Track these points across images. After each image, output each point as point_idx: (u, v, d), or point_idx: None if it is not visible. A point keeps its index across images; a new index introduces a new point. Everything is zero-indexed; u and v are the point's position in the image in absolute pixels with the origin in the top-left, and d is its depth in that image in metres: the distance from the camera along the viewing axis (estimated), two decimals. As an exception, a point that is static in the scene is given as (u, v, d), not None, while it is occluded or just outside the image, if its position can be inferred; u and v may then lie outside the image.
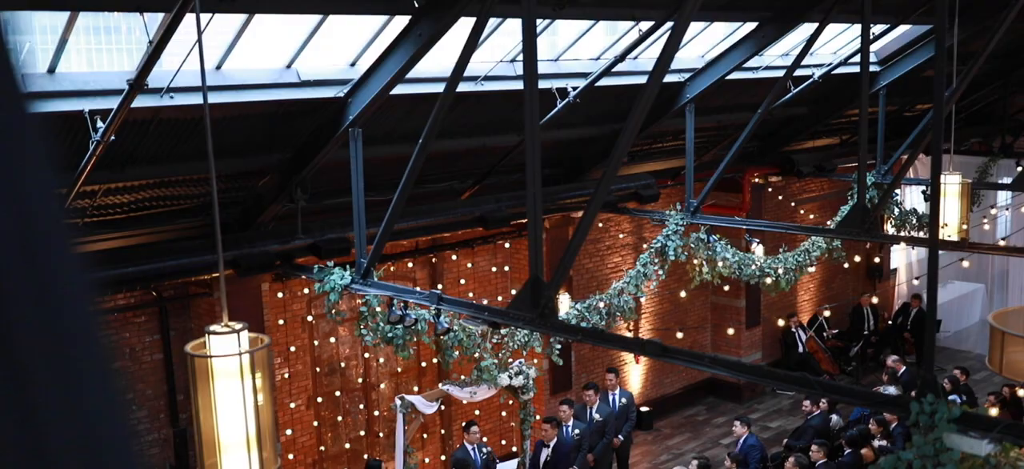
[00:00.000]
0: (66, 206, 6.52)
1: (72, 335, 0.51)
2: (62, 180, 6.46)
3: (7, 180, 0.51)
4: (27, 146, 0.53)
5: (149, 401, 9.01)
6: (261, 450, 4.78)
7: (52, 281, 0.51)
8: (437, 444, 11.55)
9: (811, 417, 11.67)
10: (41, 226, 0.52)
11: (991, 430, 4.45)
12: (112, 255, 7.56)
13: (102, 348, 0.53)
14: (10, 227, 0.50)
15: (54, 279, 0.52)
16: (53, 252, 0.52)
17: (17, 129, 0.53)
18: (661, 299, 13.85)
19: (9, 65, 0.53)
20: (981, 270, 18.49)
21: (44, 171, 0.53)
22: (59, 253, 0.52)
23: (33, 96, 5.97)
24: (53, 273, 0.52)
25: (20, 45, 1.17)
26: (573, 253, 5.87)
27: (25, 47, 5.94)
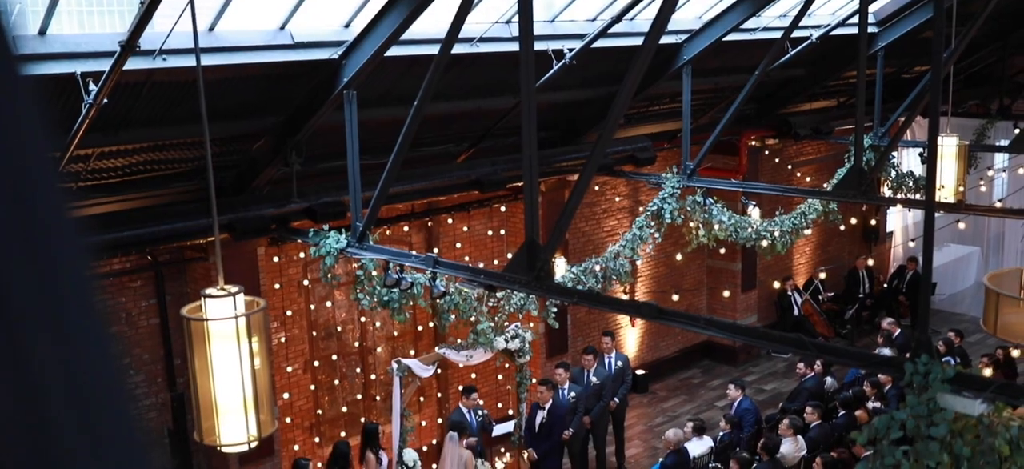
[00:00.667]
0: (60, 170, 6.49)
1: (68, 299, 0.50)
2: (56, 144, 6.43)
3: (1, 143, 0.50)
4: (20, 109, 0.52)
5: (146, 365, 9.03)
6: (258, 412, 4.80)
7: (48, 245, 0.50)
8: (434, 407, 11.61)
9: (805, 379, 11.74)
10: (36, 190, 0.51)
11: (984, 390, 4.47)
12: (107, 219, 7.54)
13: (98, 312, 0.52)
14: (5, 191, 0.49)
15: (50, 244, 0.51)
16: (49, 217, 0.51)
17: (10, 92, 0.51)
18: (657, 262, 13.87)
19: (2, 27, 0.52)
20: (977, 233, 18.53)
21: (38, 135, 0.52)
22: (54, 218, 0.51)
23: (26, 58, 5.92)
24: (49, 238, 0.51)
25: (11, 6, 1.13)
26: (569, 216, 5.87)
27: (16, 8, 5.87)
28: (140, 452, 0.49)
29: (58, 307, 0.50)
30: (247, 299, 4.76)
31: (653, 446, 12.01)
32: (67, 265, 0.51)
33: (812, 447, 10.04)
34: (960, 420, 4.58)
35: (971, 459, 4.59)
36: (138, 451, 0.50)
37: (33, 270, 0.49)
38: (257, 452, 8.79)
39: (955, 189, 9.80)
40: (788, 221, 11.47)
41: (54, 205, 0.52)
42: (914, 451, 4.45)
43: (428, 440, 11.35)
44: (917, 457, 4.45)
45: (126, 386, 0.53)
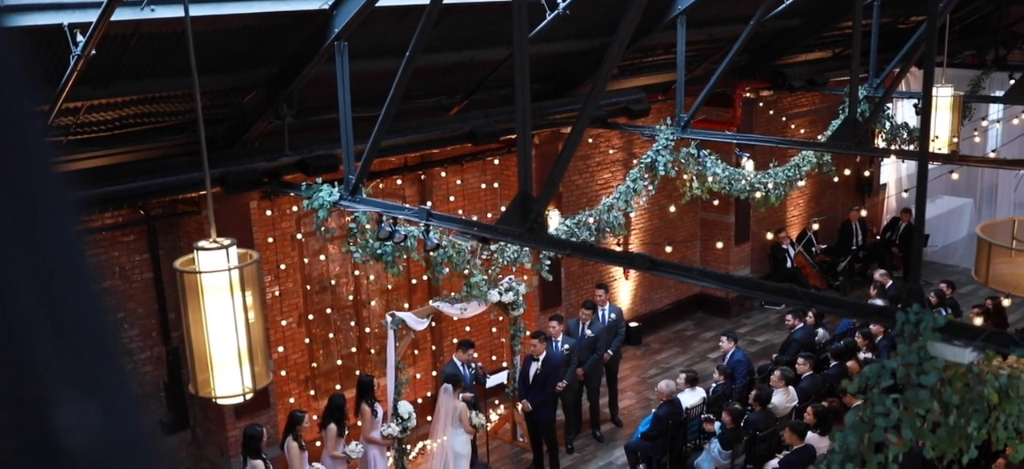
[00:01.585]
0: (48, 123, 6.42)
1: (56, 254, 0.49)
2: (43, 96, 6.33)
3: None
4: (4, 60, 0.50)
5: (140, 320, 9.04)
6: (253, 365, 4.81)
7: (34, 200, 0.49)
8: (428, 360, 11.68)
9: (795, 330, 11.83)
10: (22, 144, 0.49)
11: (974, 339, 4.50)
12: (97, 173, 7.50)
13: (88, 267, 0.51)
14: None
15: (36, 198, 0.49)
16: (35, 170, 0.50)
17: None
18: (651, 215, 13.88)
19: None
20: (970, 184, 18.55)
21: (23, 87, 0.50)
22: (41, 171, 0.50)
23: (8, 9, 5.83)
24: (35, 192, 0.49)
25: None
26: (562, 167, 5.85)
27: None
28: (137, 411, 0.48)
29: (47, 262, 0.48)
30: (240, 252, 4.76)
31: (646, 397, 12.11)
32: (55, 219, 0.50)
33: (804, 397, 10.15)
34: (950, 369, 4.61)
35: (960, 407, 4.64)
36: (134, 409, 0.49)
37: (20, 225, 0.48)
38: (253, 405, 8.85)
39: (949, 140, 9.79)
40: (782, 173, 11.47)
41: (41, 159, 0.50)
42: (904, 399, 4.49)
43: (423, 392, 11.43)
44: (907, 405, 4.49)
45: (119, 341, 0.52)
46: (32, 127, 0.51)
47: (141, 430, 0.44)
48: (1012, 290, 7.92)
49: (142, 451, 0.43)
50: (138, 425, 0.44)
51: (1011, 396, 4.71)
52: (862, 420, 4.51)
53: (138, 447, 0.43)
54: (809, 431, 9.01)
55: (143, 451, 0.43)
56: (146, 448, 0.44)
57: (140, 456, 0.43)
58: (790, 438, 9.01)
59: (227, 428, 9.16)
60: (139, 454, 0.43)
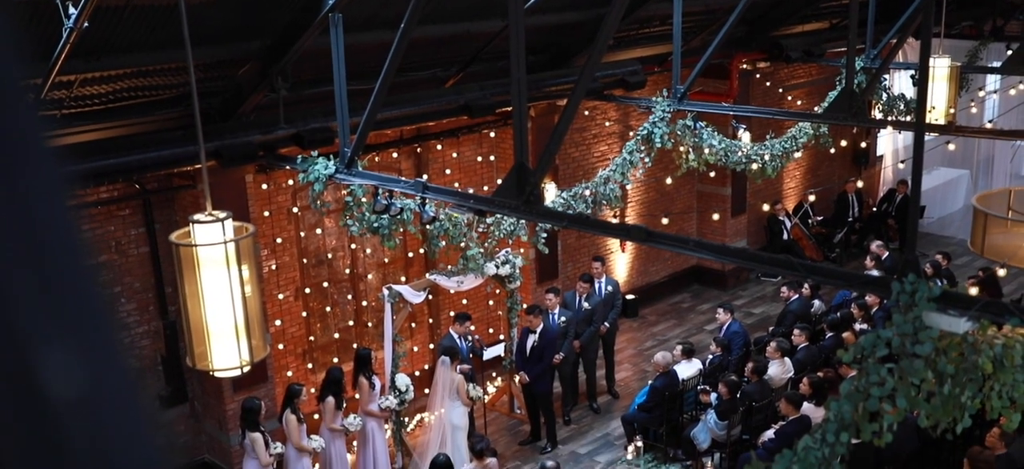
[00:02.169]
0: (41, 97, 6.38)
1: (39, 207, 0.49)
2: (36, 70, 6.29)
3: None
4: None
5: (137, 294, 9.04)
6: (250, 337, 4.82)
7: (25, 176, 0.48)
8: (425, 333, 11.70)
9: (790, 302, 11.86)
10: (13, 119, 0.49)
11: (969, 309, 4.51)
12: (92, 147, 7.47)
13: (71, 221, 0.51)
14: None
15: (27, 173, 0.48)
16: (26, 145, 0.49)
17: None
18: (647, 188, 13.87)
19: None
20: (967, 155, 18.55)
21: (13, 60, 0.50)
22: (33, 147, 0.49)
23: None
24: (26, 167, 0.49)
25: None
26: (558, 139, 5.83)
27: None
28: (122, 362, 0.48)
29: (38, 238, 0.48)
30: (236, 224, 4.75)
31: (643, 369, 12.16)
32: (46, 194, 0.49)
33: (799, 369, 10.19)
34: (945, 338, 4.63)
35: (955, 376, 4.65)
36: (120, 360, 0.49)
37: (11, 200, 0.47)
38: (251, 378, 8.88)
39: (946, 111, 9.77)
40: (778, 145, 11.46)
41: (32, 133, 0.50)
42: (899, 369, 4.50)
43: (420, 365, 11.46)
44: (902, 375, 4.51)
45: (104, 294, 0.52)
46: (21, 101, 0.50)
47: (127, 380, 0.44)
48: (1008, 260, 7.94)
49: (128, 401, 0.43)
50: (124, 376, 0.44)
51: (1006, 365, 4.73)
52: (857, 390, 4.53)
53: (124, 397, 0.43)
54: (805, 402, 9.06)
55: (129, 401, 0.43)
56: (132, 398, 0.44)
57: (126, 406, 0.43)
58: (786, 409, 9.06)
59: (225, 401, 9.19)
60: (125, 404, 0.43)
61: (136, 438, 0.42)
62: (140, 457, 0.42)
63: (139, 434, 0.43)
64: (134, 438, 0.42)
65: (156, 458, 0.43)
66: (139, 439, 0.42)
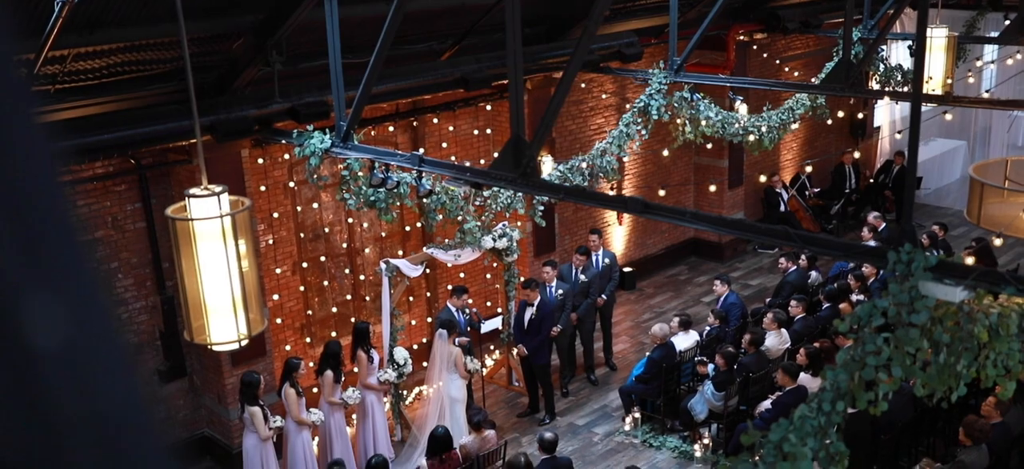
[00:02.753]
0: (34, 72, 6.35)
1: (20, 155, 0.48)
2: (28, 45, 6.24)
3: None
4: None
5: (134, 269, 9.04)
6: (247, 311, 4.82)
7: (17, 150, 0.48)
8: (423, 306, 11.72)
9: (788, 273, 11.89)
10: (3, 95, 0.48)
11: (965, 278, 4.52)
12: (86, 122, 7.44)
13: (53, 169, 0.50)
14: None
15: (18, 148, 0.48)
16: (16, 121, 0.48)
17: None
18: (644, 160, 13.85)
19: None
20: (964, 126, 18.53)
21: (3, 36, 0.49)
22: (23, 122, 0.49)
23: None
24: (17, 142, 0.48)
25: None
26: (555, 110, 5.81)
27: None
28: (105, 310, 0.47)
29: (10, 167, 0.47)
30: (232, 198, 4.74)
31: (640, 342, 12.20)
32: (37, 169, 0.49)
33: (796, 339, 10.23)
34: (941, 307, 4.64)
35: (950, 345, 4.67)
36: (102, 309, 0.49)
37: (3, 175, 0.47)
38: (249, 352, 8.90)
39: (943, 81, 9.74)
40: (776, 116, 11.43)
41: (23, 109, 0.49)
42: (895, 338, 4.52)
43: (418, 338, 11.49)
44: (897, 344, 4.52)
45: (86, 243, 0.51)
46: (15, 78, 0.49)
47: (109, 329, 0.44)
48: (1004, 229, 7.96)
49: (111, 349, 0.43)
50: (106, 324, 0.44)
51: (1001, 334, 4.75)
52: (853, 359, 4.55)
53: (107, 346, 0.43)
54: (801, 372, 9.10)
55: (112, 349, 0.43)
56: (115, 346, 0.43)
57: (109, 353, 0.43)
58: (783, 379, 9.10)
59: (224, 375, 9.22)
60: (108, 352, 0.43)
61: (120, 384, 0.42)
62: (124, 403, 0.42)
63: (123, 380, 0.43)
64: (118, 384, 0.42)
65: (140, 404, 0.43)
66: (123, 385, 0.42)
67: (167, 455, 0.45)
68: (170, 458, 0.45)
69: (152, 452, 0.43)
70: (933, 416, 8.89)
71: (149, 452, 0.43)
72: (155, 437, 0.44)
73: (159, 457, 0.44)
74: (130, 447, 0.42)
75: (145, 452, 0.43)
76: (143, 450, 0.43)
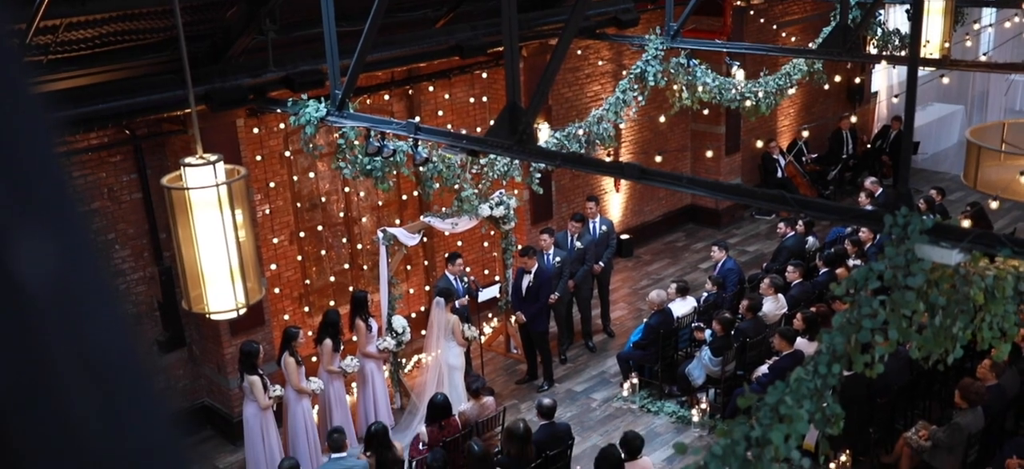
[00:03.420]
0: (26, 42, 6.30)
1: (16, 119, 0.48)
2: (18, 14, 6.19)
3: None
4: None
5: (131, 240, 9.03)
6: (245, 280, 4.83)
7: (11, 121, 0.47)
8: (421, 275, 11.74)
9: (785, 239, 11.90)
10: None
11: (961, 240, 4.53)
12: (80, 93, 7.40)
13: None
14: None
15: (13, 119, 0.47)
16: (10, 91, 0.48)
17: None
18: (641, 127, 13.82)
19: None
20: (962, 90, 18.48)
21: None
22: (17, 91, 0.48)
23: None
24: (11, 113, 0.47)
25: None
26: (550, 77, 5.79)
27: None
28: (93, 247, 0.47)
29: (5, 128, 0.47)
30: (227, 167, 4.73)
31: (638, 308, 12.24)
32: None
33: (793, 305, 10.26)
34: (937, 270, 4.65)
35: (946, 308, 4.69)
36: (90, 245, 0.48)
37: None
38: (248, 322, 8.92)
39: (940, 45, 9.68)
40: (773, 81, 11.39)
41: (16, 79, 0.48)
42: (891, 301, 4.53)
43: (416, 307, 11.52)
44: (894, 306, 4.54)
45: (72, 180, 0.51)
46: (8, 47, 0.49)
47: (98, 265, 0.44)
48: (1000, 193, 7.96)
49: (99, 285, 0.43)
50: (95, 261, 0.44)
51: (997, 297, 4.77)
52: (849, 322, 4.56)
53: (96, 282, 0.43)
54: (798, 337, 9.14)
55: (100, 285, 0.43)
56: (103, 283, 0.43)
57: (97, 291, 0.43)
58: (779, 344, 9.14)
59: (223, 345, 9.24)
60: (96, 288, 0.43)
61: (109, 319, 0.42)
62: (113, 337, 0.42)
63: (112, 315, 0.43)
64: (107, 319, 0.42)
65: (129, 338, 0.43)
66: (112, 320, 0.42)
67: (160, 393, 0.45)
68: (162, 396, 0.45)
69: (145, 389, 0.43)
70: (929, 379, 8.95)
71: (142, 389, 0.43)
72: (147, 374, 0.44)
73: (152, 394, 0.44)
74: (123, 384, 0.42)
75: (138, 389, 0.43)
76: (136, 387, 0.43)
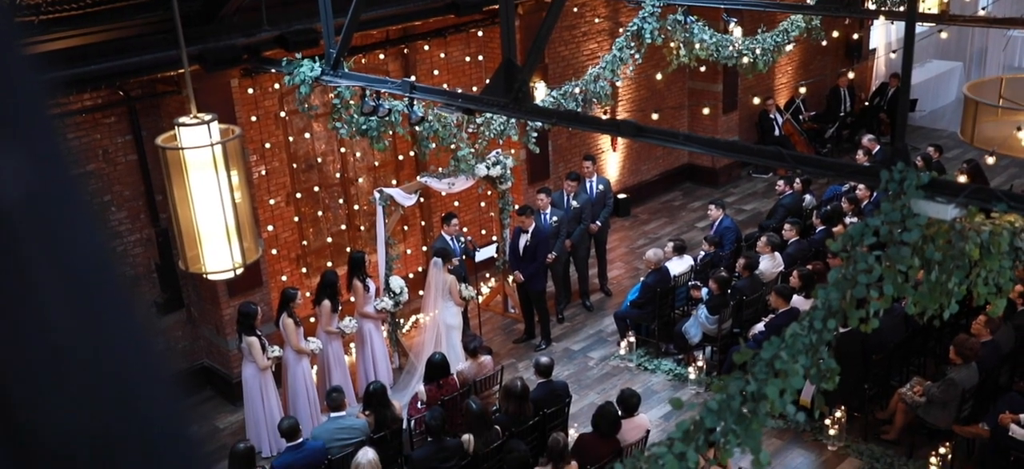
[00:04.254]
0: (17, 2, 6.24)
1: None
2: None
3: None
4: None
5: (128, 202, 9.02)
6: (241, 240, 4.83)
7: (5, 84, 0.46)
8: (418, 235, 11.75)
9: (783, 197, 11.90)
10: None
11: (957, 195, 4.53)
12: (72, 53, 7.34)
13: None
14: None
15: (7, 81, 0.47)
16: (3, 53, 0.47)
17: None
18: (638, 85, 13.75)
19: None
20: (960, 47, 18.38)
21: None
22: (9, 53, 0.47)
23: None
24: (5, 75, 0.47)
25: None
26: (546, 34, 5.75)
27: None
28: (68, 162, 0.47)
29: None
30: (222, 127, 4.71)
31: (635, 268, 12.26)
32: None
33: (790, 263, 10.28)
34: (933, 225, 4.65)
35: (942, 263, 4.70)
36: (65, 161, 0.48)
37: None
38: (246, 283, 8.94)
39: (939, 0, 9.64)
40: (770, 38, 11.33)
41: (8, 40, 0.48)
42: (887, 256, 4.54)
43: (413, 268, 11.54)
44: (889, 262, 4.54)
45: (47, 94, 0.50)
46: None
47: (73, 181, 0.44)
48: (998, 148, 7.94)
49: (75, 201, 0.43)
50: (70, 176, 0.44)
51: (992, 252, 4.77)
52: (845, 277, 4.57)
53: (71, 197, 0.43)
54: (794, 294, 9.17)
55: (76, 201, 0.43)
56: (79, 198, 0.43)
57: (73, 206, 0.42)
58: (776, 302, 9.17)
59: (221, 307, 9.27)
60: (72, 204, 0.43)
61: (87, 239, 0.42)
62: (90, 252, 0.42)
63: (88, 231, 0.42)
64: (83, 235, 0.42)
65: (104, 252, 0.42)
66: (88, 236, 0.42)
67: (138, 308, 0.45)
68: (141, 310, 0.45)
69: (124, 305, 0.43)
70: (924, 335, 8.99)
71: (121, 305, 0.43)
72: (125, 290, 0.44)
73: (130, 310, 0.44)
74: (102, 301, 0.42)
75: (117, 304, 0.43)
76: (115, 303, 0.42)
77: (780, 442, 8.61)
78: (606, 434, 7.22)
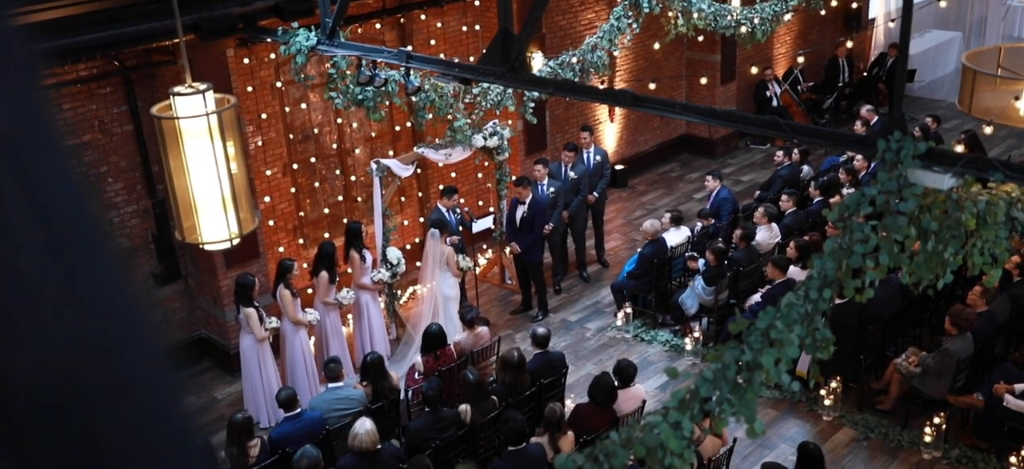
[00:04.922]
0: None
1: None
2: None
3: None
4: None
5: (124, 173, 8.99)
6: (238, 210, 4.82)
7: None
8: (415, 206, 11.74)
9: (781, 168, 11.89)
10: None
11: (954, 165, 4.52)
12: (67, 23, 7.29)
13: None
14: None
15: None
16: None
17: None
18: (635, 55, 13.69)
19: None
20: (960, 17, 18.30)
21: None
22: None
23: None
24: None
25: None
26: (543, 3, 5.72)
27: None
28: (40, 93, 0.46)
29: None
30: (217, 96, 4.69)
31: (632, 239, 12.27)
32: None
33: (787, 234, 10.29)
34: (929, 195, 4.65)
35: (938, 233, 4.70)
36: (37, 92, 0.47)
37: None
38: (243, 253, 8.94)
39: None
40: (768, 7, 11.26)
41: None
42: (883, 226, 4.54)
43: (411, 239, 11.54)
44: (885, 232, 4.55)
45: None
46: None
47: (45, 112, 0.43)
48: (995, 118, 7.92)
49: (47, 131, 0.42)
50: (41, 107, 0.43)
51: (988, 222, 4.78)
52: (840, 247, 4.57)
53: (43, 128, 0.42)
54: (791, 265, 9.18)
55: (47, 132, 0.42)
56: (51, 129, 0.43)
57: (45, 137, 0.42)
58: (772, 272, 9.19)
59: (219, 278, 9.27)
60: (44, 134, 0.42)
61: (61, 178, 0.42)
62: (63, 188, 0.42)
63: (62, 167, 0.42)
64: (59, 178, 0.42)
65: (78, 189, 0.42)
66: (64, 179, 0.42)
67: (114, 246, 0.44)
68: (117, 249, 0.44)
69: (99, 242, 0.43)
70: (919, 306, 9.02)
71: (96, 241, 0.43)
72: (99, 228, 0.44)
73: (105, 246, 0.43)
74: (76, 237, 0.42)
75: (91, 240, 0.42)
76: (89, 239, 0.42)
77: (775, 412, 8.66)
78: (602, 404, 7.26)
